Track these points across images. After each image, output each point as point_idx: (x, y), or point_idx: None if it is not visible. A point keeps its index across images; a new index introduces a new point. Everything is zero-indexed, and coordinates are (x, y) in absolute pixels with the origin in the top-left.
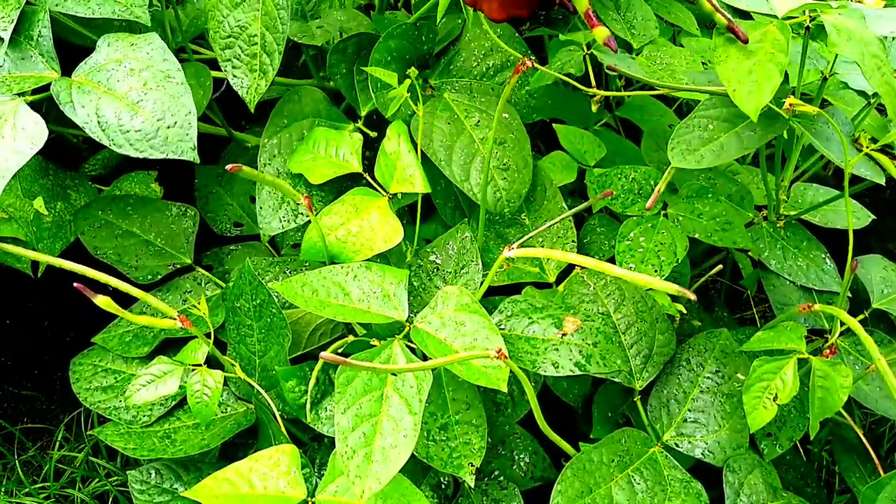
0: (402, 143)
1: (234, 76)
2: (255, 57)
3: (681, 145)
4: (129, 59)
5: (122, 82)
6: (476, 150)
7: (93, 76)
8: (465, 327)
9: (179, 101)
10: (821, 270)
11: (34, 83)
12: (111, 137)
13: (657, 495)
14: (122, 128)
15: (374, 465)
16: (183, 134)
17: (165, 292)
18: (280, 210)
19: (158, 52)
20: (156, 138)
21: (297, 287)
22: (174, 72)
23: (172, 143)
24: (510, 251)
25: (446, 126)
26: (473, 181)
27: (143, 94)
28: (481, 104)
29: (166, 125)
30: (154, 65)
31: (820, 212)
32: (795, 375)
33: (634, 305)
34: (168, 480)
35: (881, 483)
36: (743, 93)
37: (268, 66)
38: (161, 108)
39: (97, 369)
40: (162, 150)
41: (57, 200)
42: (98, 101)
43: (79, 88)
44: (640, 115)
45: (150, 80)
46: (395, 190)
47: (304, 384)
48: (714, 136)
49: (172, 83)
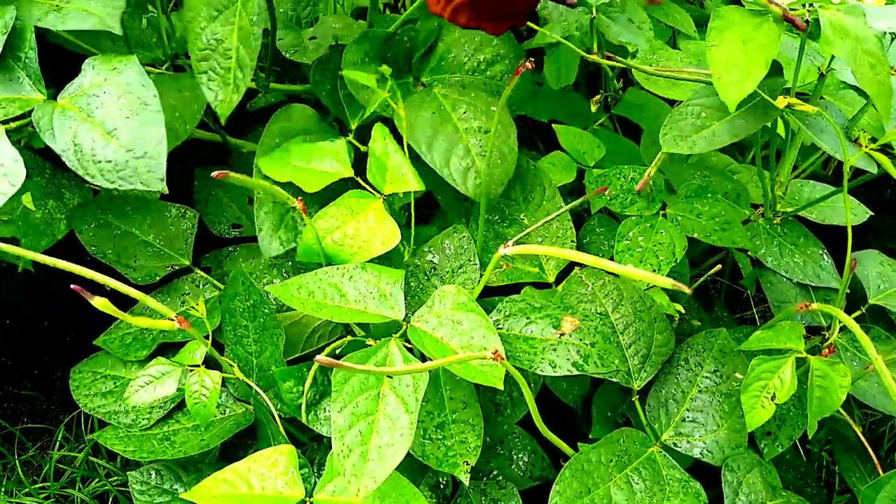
0: (388, 143)
1: (209, 89)
2: (229, 71)
3: (673, 131)
4: (109, 85)
5: (101, 109)
6: (459, 139)
7: (76, 101)
8: (462, 326)
9: (151, 130)
10: (818, 266)
11: (20, 107)
12: (84, 167)
13: (656, 495)
14: (94, 157)
15: (370, 463)
16: (152, 164)
17: (164, 294)
18: (280, 230)
19: (136, 77)
20: (125, 169)
21: (294, 289)
22: (150, 98)
23: (141, 174)
24: (506, 248)
25: (430, 116)
26: (453, 167)
27: (118, 123)
28: (471, 98)
29: (136, 156)
30: (132, 91)
31: (817, 208)
32: (793, 374)
33: (632, 305)
34: (168, 481)
35: (881, 482)
36: (726, 81)
37: (240, 80)
38: (133, 138)
39: (96, 376)
40: (131, 182)
41: (49, 198)
42: (77, 128)
43: (61, 113)
44: (638, 112)
45: (125, 107)
46: (389, 190)
47: (301, 385)
48: (706, 124)
49: (148, 111)
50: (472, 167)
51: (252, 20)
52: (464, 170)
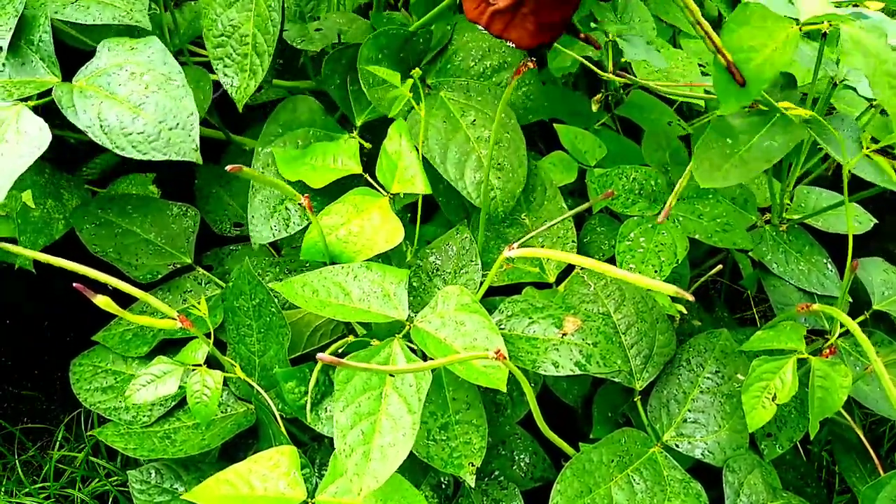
0: (403, 142)
1: (225, 75)
2: (246, 57)
3: (704, 163)
4: (129, 63)
5: (124, 86)
6: (471, 149)
7: (94, 80)
8: (465, 327)
9: (181, 103)
10: (822, 275)
11: (35, 88)
12: (114, 140)
13: (657, 495)
14: (124, 130)
15: (372, 463)
16: (185, 135)
17: (165, 292)
18: (272, 219)
19: (159, 55)
20: (158, 140)
21: (298, 287)
22: (175, 74)
23: (175, 144)
24: (510, 251)
25: (441, 125)
26: (468, 180)
27: (144, 98)
28: (478, 103)
29: (168, 127)
30: (155, 68)
31: (822, 216)
32: (794, 375)
33: (635, 306)
34: (168, 480)
35: (881, 483)
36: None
37: (258, 66)
38: (163, 111)
39: (97, 370)
40: (164, 152)
41: (48, 198)
42: (100, 105)
43: (80, 93)
44: (639, 113)
45: (151, 83)
46: (396, 190)
47: (303, 385)
48: (735, 150)
49: (173, 85)
50: (486, 180)
51: (270, 5)
52: (478, 183)
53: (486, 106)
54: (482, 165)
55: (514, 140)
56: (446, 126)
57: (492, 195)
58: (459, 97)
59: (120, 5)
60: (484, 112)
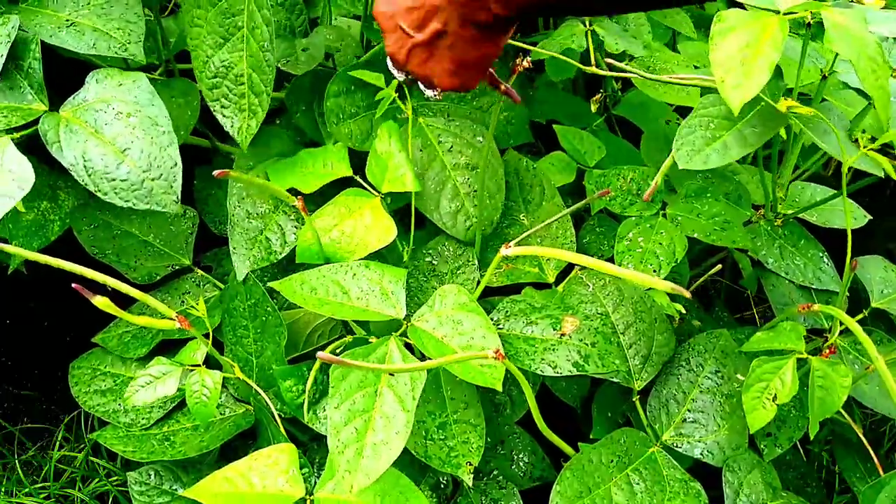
0: (392, 142)
1: (224, 115)
2: (243, 97)
3: (685, 146)
4: (117, 101)
5: (110, 126)
6: (447, 178)
7: (81, 114)
8: (462, 326)
9: (166, 153)
10: (818, 269)
11: (23, 117)
12: (97, 184)
13: (656, 495)
14: (107, 175)
15: (364, 460)
16: (167, 186)
17: (164, 293)
18: (253, 249)
19: (146, 95)
20: (140, 189)
21: (297, 285)
22: (161, 119)
23: (156, 195)
24: (508, 249)
25: (418, 153)
26: (444, 210)
27: (130, 142)
28: (455, 128)
29: (151, 177)
30: (142, 109)
31: (818, 211)
32: (795, 375)
33: (633, 306)
34: (168, 481)
35: (881, 483)
36: (730, 84)
37: (257, 107)
38: (147, 159)
39: (96, 373)
40: (146, 202)
41: (42, 200)
42: (85, 143)
43: (66, 127)
44: (637, 112)
45: (137, 126)
46: (387, 189)
47: (301, 384)
48: (717, 135)
49: (159, 131)
50: (461, 209)
51: (262, 46)
52: (453, 212)
53: (465, 130)
54: (458, 194)
55: (491, 164)
56: (422, 155)
57: (468, 224)
58: (438, 122)
59: (116, 35)
60: (462, 137)
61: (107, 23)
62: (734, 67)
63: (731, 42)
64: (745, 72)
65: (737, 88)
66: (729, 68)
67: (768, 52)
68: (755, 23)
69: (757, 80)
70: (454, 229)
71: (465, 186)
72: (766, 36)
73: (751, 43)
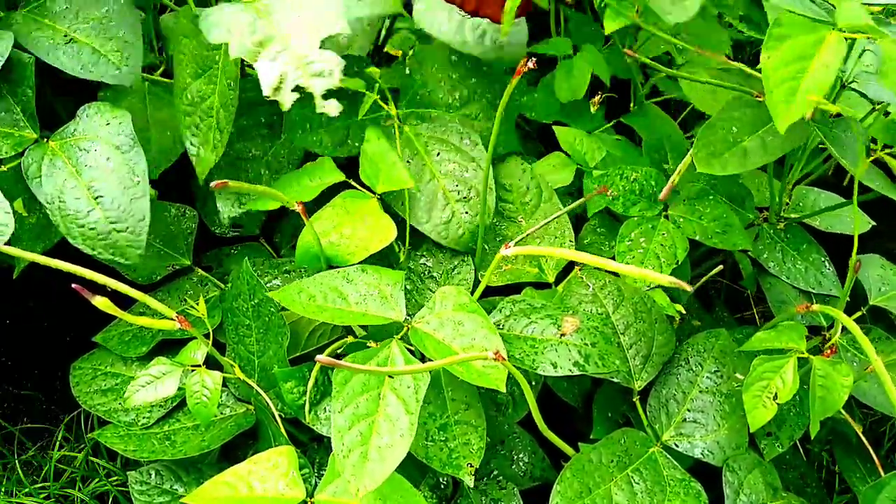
0: (382, 143)
1: (192, 144)
2: (210, 129)
3: (705, 149)
4: (101, 142)
5: (90, 168)
6: (437, 187)
7: (66, 149)
8: (463, 327)
9: (136, 205)
10: (820, 274)
11: (13, 146)
12: (67, 228)
13: (656, 495)
14: (78, 221)
15: (369, 463)
16: (133, 239)
17: (165, 293)
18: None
19: (128, 140)
20: (107, 240)
21: (294, 293)
22: (139, 167)
23: (121, 247)
24: (507, 249)
25: (406, 165)
26: (435, 221)
27: (104, 188)
28: (443, 133)
29: (118, 229)
30: (122, 154)
31: (821, 215)
32: (795, 375)
33: (633, 306)
34: (168, 481)
35: (881, 483)
36: (779, 98)
37: (218, 142)
38: (117, 210)
39: (97, 372)
40: (111, 252)
41: None
42: (63, 182)
43: (50, 161)
44: (644, 124)
45: (114, 172)
46: (382, 189)
47: (302, 385)
48: (738, 139)
49: (133, 181)
50: (452, 217)
51: (229, 84)
52: (444, 223)
53: (452, 135)
54: (448, 202)
55: (479, 167)
56: (411, 166)
57: (460, 232)
58: (424, 130)
59: (113, 58)
60: (449, 143)
61: (104, 42)
62: (786, 79)
63: (785, 51)
64: (796, 89)
65: (786, 104)
66: (781, 79)
67: (821, 70)
68: (811, 34)
69: (808, 100)
70: (447, 239)
71: (454, 194)
72: (823, 51)
73: (804, 56)
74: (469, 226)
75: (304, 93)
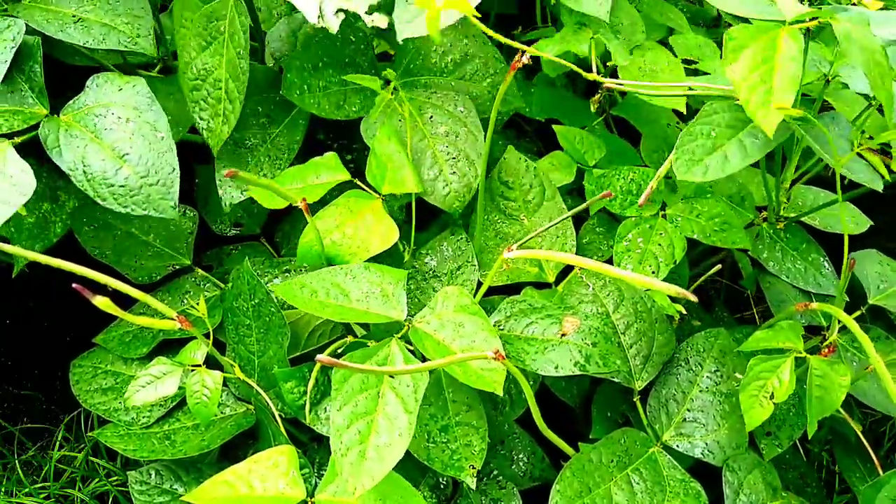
0: (392, 144)
1: (201, 118)
2: (220, 102)
3: (685, 155)
4: (116, 106)
5: (110, 131)
6: (426, 146)
7: (81, 118)
8: (464, 329)
9: (164, 159)
10: (819, 273)
11: (23, 121)
12: (96, 190)
13: (656, 495)
14: (106, 181)
15: (367, 462)
16: (165, 192)
17: (165, 293)
18: None
19: (145, 100)
20: (139, 195)
21: (297, 289)
22: (160, 124)
23: (154, 201)
24: (510, 252)
25: (398, 124)
26: (421, 177)
27: (129, 147)
28: (437, 100)
29: (149, 183)
30: (141, 114)
31: (819, 215)
32: (792, 374)
33: (633, 306)
34: (168, 481)
35: (881, 482)
36: (756, 104)
37: (230, 113)
38: (146, 165)
39: (97, 371)
40: (144, 208)
41: (44, 201)
42: (85, 148)
43: (66, 132)
44: (635, 113)
45: (136, 132)
46: (387, 191)
47: (302, 385)
48: (718, 144)
49: (157, 137)
50: (439, 175)
51: (238, 53)
52: (430, 180)
53: (446, 102)
54: (437, 162)
55: (471, 132)
56: (402, 126)
57: (446, 191)
58: (419, 95)
59: (124, 29)
60: (443, 108)
61: (114, 18)
62: (756, 84)
63: (746, 59)
64: (766, 89)
65: (764, 106)
66: (751, 86)
67: (787, 65)
68: (765, 36)
69: (783, 96)
70: (433, 196)
71: (443, 154)
72: (781, 47)
73: (766, 58)
74: (456, 186)
75: None
